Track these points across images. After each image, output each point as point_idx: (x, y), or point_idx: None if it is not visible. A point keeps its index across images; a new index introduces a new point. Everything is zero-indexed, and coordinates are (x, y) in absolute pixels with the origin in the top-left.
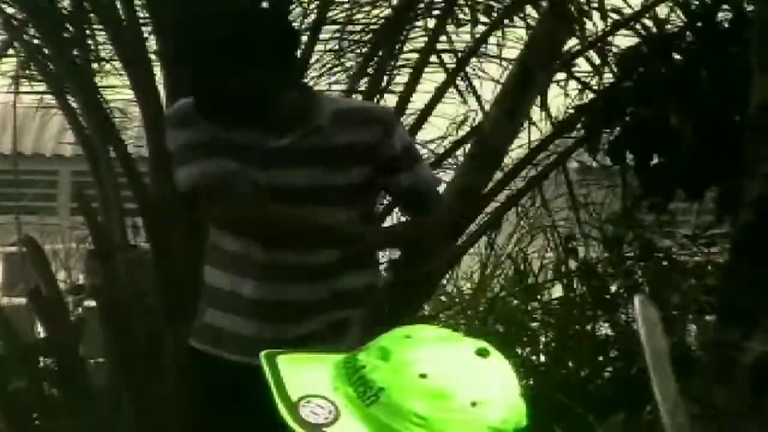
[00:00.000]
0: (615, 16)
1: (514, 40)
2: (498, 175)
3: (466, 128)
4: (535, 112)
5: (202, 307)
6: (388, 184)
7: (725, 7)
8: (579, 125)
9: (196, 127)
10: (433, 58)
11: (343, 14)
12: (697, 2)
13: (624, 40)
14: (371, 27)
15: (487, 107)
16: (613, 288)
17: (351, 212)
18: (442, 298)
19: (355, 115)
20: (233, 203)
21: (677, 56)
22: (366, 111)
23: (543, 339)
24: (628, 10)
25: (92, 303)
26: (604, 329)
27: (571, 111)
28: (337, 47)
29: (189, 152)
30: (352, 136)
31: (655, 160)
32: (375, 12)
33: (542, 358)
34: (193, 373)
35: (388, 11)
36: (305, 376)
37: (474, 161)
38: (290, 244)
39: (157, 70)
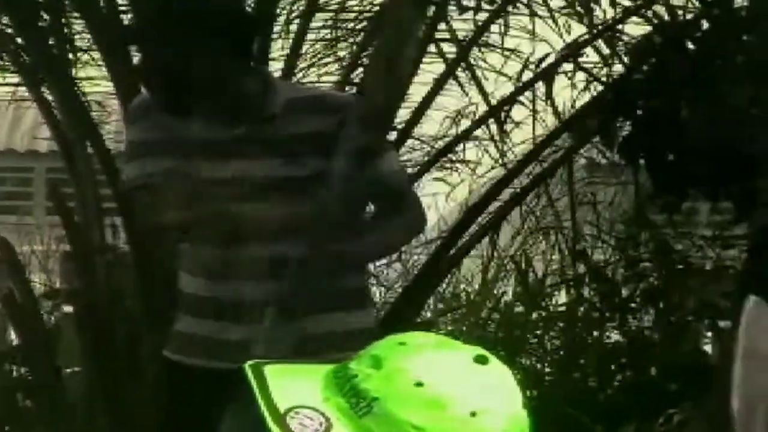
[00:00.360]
0: (626, 2)
1: (518, 28)
2: (501, 172)
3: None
4: (540, 105)
5: (177, 315)
6: None
7: None
8: (591, 120)
9: (148, 123)
10: (432, 48)
11: (336, 1)
12: None
13: (635, 28)
14: (365, 15)
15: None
16: (624, 292)
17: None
18: (441, 303)
19: (312, 103)
20: (169, 203)
21: (692, 46)
22: (323, 99)
23: (549, 346)
24: None
25: (69, 308)
26: (615, 335)
27: (580, 103)
28: (329, 36)
29: (135, 149)
30: (307, 125)
31: (668, 157)
32: None
33: (548, 366)
34: (167, 385)
35: None
36: (294, 387)
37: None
38: (243, 241)
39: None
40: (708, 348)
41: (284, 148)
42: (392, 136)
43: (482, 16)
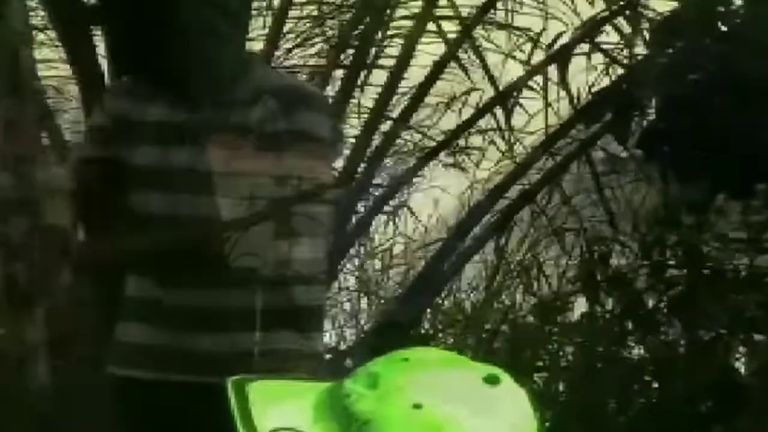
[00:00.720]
0: None
1: (528, 4)
2: (508, 166)
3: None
4: (552, 92)
5: (121, 324)
6: None
7: None
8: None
9: (108, 106)
10: (431, 27)
11: None
12: None
13: (660, 4)
14: None
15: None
16: (650, 302)
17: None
18: (440, 315)
19: (275, 95)
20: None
21: (722, 25)
22: (290, 91)
23: (563, 363)
24: None
25: None
26: (637, 350)
27: (596, 90)
28: (315, 13)
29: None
30: (254, 115)
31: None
32: None
33: (562, 385)
34: (119, 405)
35: None
36: (280, 407)
37: None
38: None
39: (99, 41)
40: (741, 365)
41: (232, 138)
42: (386, 125)
43: None
